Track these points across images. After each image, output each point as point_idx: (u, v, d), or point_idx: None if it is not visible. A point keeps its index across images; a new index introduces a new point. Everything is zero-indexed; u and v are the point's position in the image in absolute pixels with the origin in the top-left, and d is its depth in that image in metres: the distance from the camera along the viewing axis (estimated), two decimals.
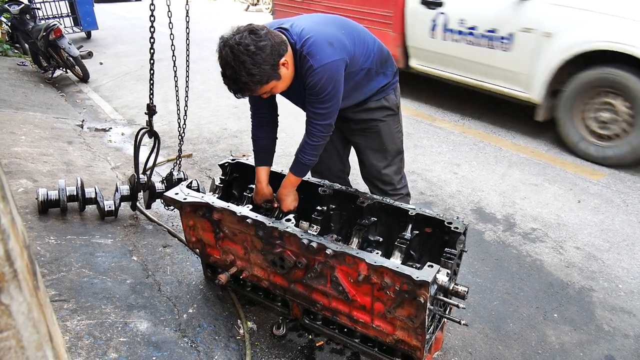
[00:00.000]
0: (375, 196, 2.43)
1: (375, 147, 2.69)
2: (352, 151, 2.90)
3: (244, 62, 1.99)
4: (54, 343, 0.72)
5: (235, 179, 2.87)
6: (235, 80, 2.07)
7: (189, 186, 2.66)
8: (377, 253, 2.28)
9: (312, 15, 2.41)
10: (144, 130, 3.05)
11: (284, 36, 2.16)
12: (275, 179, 2.68)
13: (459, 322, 2.02)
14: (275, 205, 2.57)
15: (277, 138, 2.60)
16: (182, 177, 3.35)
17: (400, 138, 2.77)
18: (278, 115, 2.56)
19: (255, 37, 2.01)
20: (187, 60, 3.18)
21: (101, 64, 8.73)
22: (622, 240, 3.32)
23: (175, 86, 3.18)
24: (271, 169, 2.63)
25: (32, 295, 0.63)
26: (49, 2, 10.73)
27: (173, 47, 3.03)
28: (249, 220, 2.22)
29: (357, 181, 3.26)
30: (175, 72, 3.10)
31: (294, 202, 2.53)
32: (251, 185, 2.71)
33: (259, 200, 2.60)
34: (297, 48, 2.16)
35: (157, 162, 3.25)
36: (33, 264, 0.70)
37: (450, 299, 1.98)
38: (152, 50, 2.80)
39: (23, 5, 8.17)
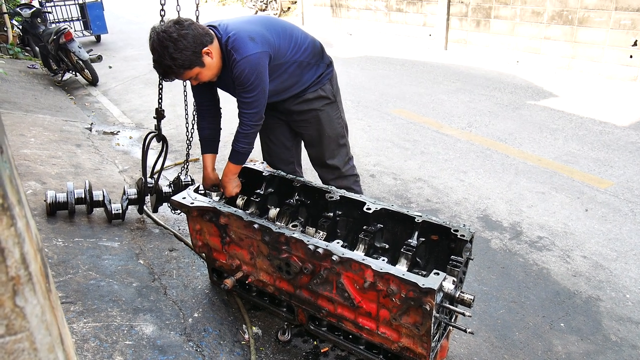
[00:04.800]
0: (381, 203, 2.43)
1: (318, 135, 2.90)
2: None
3: (167, 47, 2.26)
4: (65, 345, 0.73)
5: (242, 184, 2.88)
6: (160, 64, 2.32)
7: (196, 190, 2.67)
8: (383, 260, 2.28)
9: (240, 16, 2.66)
10: (152, 134, 3.07)
11: (210, 30, 2.39)
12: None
13: (465, 330, 2.02)
14: (222, 190, 2.74)
15: (221, 128, 2.80)
16: (189, 181, 3.36)
17: (341, 124, 2.95)
18: (220, 108, 2.78)
19: (178, 26, 2.28)
20: None
21: (110, 67, 8.81)
22: (630, 249, 3.29)
23: (184, 91, 3.20)
24: (246, 166, 2.80)
25: (45, 298, 0.64)
26: (60, 6, 10.85)
27: None
28: (255, 226, 2.23)
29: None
30: None
31: (236, 188, 2.70)
32: (258, 191, 2.72)
33: (206, 186, 2.79)
34: (223, 42, 2.39)
35: (164, 166, 3.26)
36: (45, 267, 0.71)
37: (456, 306, 1.97)
38: None
39: (34, 8, 8.27)
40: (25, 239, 0.59)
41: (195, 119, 2.81)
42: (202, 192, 2.79)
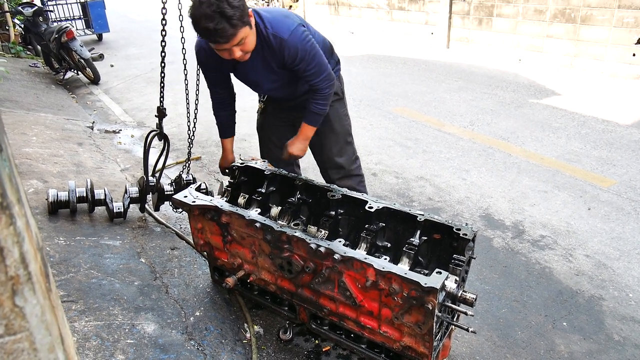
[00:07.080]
0: (383, 201, 2.42)
1: (327, 131, 2.92)
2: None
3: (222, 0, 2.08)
4: (65, 345, 0.72)
5: (244, 182, 2.87)
6: (222, 15, 2.08)
7: (198, 189, 2.67)
8: (385, 259, 2.27)
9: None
10: (154, 133, 3.06)
11: None
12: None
13: (467, 330, 2.01)
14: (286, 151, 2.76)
15: (236, 111, 2.91)
16: (191, 179, 3.36)
17: (348, 121, 3.03)
18: (235, 94, 2.85)
19: None
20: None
21: (112, 66, 8.81)
22: (632, 248, 3.28)
23: (186, 89, 3.19)
24: (248, 164, 2.80)
25: (44, 298, 0.64)
26: (62, 4, 10.86)
27: (184, 50, 3.05)
28: (257, 224, 2.22)
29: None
30: (185, 75, 3.11)
31: (301, 151, 2.75)
32: (260, 190, 2.71)
33: (223, 164, 2.93)
34: (261, 29, 2.35)
35: (166, 165, 3.26)
36: (46, 266, 0.71)
37: (458, 306, 1.97)
38: (163, 54, 2.82)
39: (36, 7, 8.27)
40: (24, 238, 0.59)
41: (212, 107, 2.85)
42: (204, 190, 2.79)
